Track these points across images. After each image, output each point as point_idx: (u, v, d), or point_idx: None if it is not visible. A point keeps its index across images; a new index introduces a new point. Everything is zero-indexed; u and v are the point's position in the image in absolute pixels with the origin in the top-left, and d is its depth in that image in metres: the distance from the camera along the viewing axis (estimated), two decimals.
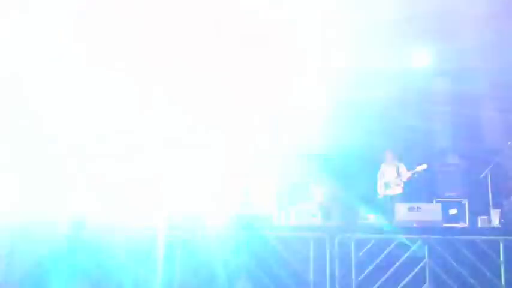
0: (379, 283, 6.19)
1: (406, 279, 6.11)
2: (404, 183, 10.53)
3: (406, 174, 10.50)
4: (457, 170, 11.51)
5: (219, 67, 11.56)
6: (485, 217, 9.87)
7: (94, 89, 10.95)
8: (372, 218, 10.75)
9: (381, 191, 10.79)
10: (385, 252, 6.19)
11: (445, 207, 9.81)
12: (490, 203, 9.27)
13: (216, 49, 11.29)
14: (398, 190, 10.53)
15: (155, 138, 11.04)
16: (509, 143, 9.91)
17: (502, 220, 8.98)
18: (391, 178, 10.70)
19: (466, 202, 10.78)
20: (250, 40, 11.36)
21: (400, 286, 6.13)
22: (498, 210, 9.40)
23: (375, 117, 12.65)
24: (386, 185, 10.72)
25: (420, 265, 6.11)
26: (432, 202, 10.48)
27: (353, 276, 6.18)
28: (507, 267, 6.05)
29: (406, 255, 6.16)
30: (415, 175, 10.46)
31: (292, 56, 12.17)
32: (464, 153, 11.69)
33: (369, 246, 6.25)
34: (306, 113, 13.31)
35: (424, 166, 10.40)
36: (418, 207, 7.71)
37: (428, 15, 10.85)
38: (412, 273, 6.11)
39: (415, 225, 7.25)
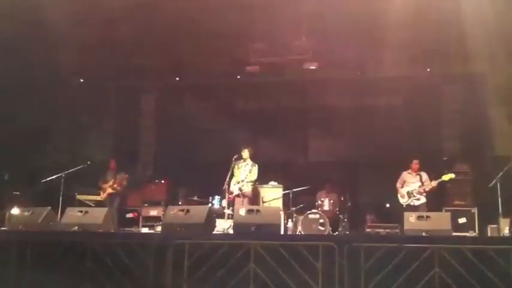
0: None
1: None
2: None
3: (430, 184, 10.27)
4: (467, 179, 11.45)
5: None
6: (495, 226, 9.84)
7: None
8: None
9: (404, 200, 10.50)
10: (395, 261, 6.15)
11: (454, 216, 9.79)
12: (500, 211, 9.21)
13: None
14: (423, 200, 10.32)
15: None
16: None
17: None
18: (415, 187, 10.41)
19: (475, 211, 10.74)
20: None
21: None
22: (508, 219, 9.36)
23: (382, 123, 12.68)
24: (410, 194, 10.41)
25: (430, 274, 6.07)
26: (441, 211, 10.46)
27: (362, 286, 6.14)
28: None
29: (415, 265, 6.11)
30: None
31: None
32: (475, 161, 11.64)
33: (378, 255, 6.20)
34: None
35: (452, 175, 10.23)
36: (427, 216, 7.67)
37: None
38: (422, 283, 6.07)
39: (424, 234, 7.22)
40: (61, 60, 11.85)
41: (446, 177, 10.18)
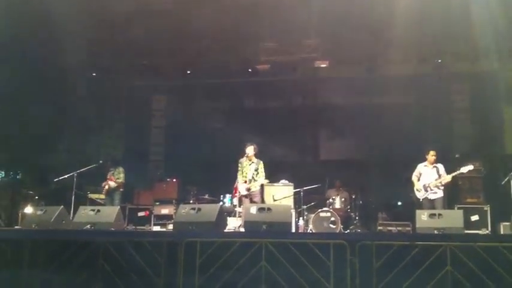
0: None
1: (428, 287, 6.04)
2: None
3: (447, 177, 9.73)
4: (479, 176, 11.39)
5: None
6: (508, 223, 9.78)
7: None
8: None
9: (420, 194, 9.93)
10: (407, 259, 6.13)
11: (467, 214, 9.73)
12: None
13: None
14: (440, 193, 9.76)
15: None
16: None
17: None
18: (431, 180, 9.85)
19: (488, 208, 10.67)
20: None
21: None
22: None
23: (393, 122, 12.65)
24: (426, 188, 9.84)
25: (442, 272, 6.05)
26: (453, 208, 10.40)
27: (374, 284, 6.13)
28: None
29: (427, 263, 6.09)
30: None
31: None
32: (486, 159, 11.57)
33: (390, 253, 6.19)
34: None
35: (470, 167, 9.73)
36: (439, 214, 7.64)
37: None
38: (434, 281, 6.04)
39: (436, 232, 7.19)
40: (73, 59, 11.91)
41: (464, 169, 9.63)
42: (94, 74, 13.81)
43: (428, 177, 9.90)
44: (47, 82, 12.40)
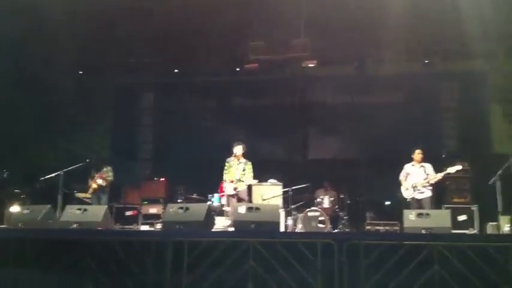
0: None
1: (415, 286, 6.06)
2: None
3: (435, 176, 9.74)
4: (466, 176, 11.43)
5: None
6: (495, 223, 9.82)
7: None
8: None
9: (408, 194, 9.95)
10: (394, 258, 6.14)
11: (454, 214, 9.76)
12: (499, 209, 9.19)
13: None
14: (428, 193, 9.78)
15: None
16: None
17: None
18: (420, 180, 9.85)
19: (475, 208, 10.71)
20: None
21: None
22: (508, 217, 9.34)
23: (382, 121, 12.68)
24: (414, 187, 9.84)
25: (429, 272, 6.06)
26: (440, 208, 10.43)
27: (362, 283, 6.13)
28: None
29: (415, 262, 6.10)
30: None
31: None
32: (474, 158, 11.62)
33: (377, 253, 6.19)
34: None
35: (459, 167, 9.72)
36: (426, 214, 7.66)
37: None
38: (421, 280, 6.06)
39: (423, 231, 7.21)
40: (60, 57, 11.82)
41: (452, 169, 9.63)
42: (81, 72, 13.70)
43: (416, 177, 9.91)
44: (34, 80, 12.29)
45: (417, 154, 9.97)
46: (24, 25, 10.45)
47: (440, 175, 9.76)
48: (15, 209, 9.88)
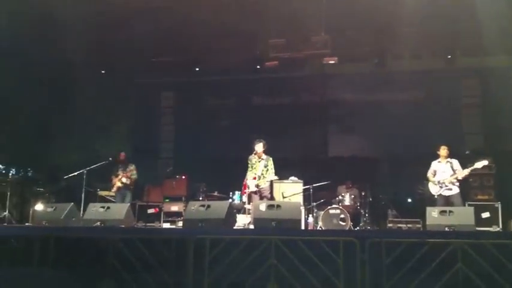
0: None
1: (439, 284, 6.00)
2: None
3: (462, 172, 9.55)
4: (490, 173, 11.29)
5: None
6: None
7: None
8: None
9: (435, 190, 9.79)
10: (417, 256, 6.08)
11: (478, 211, 9.64)
12: None
13: None
14: (456, 190, 9.61)
15: None
16: None
17: None
18: (446, 176, 9.69)
19: (498, 205, 10.59)
20: None
21: None
22: None
23: (402, 118, 12.59)
24: (441, 184, 9.70)
25: (453, 270, 6.00)
26: (464, 205, 10.32)
27: (384, 281, 6.09)
28: None
29: (438, 260, 6.04)
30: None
31: None
32: (497, 155, 11.48)
33: (400, 251, 6.15)
34: None
35: (485, 162, 9.51)
36: (450, 211, 7.59)
37: None
38: (444, 278, 6.00)
39: (446, 229, 7.15)
40: (82, 59, 11.95)
41: (479, 164, 9.39)
42: (103, 72, 13.85)
43: (443, 174, 9.77)
44: (57, 81, 12.46)
45: (443, 150, 9.82)
46: (47, 25, 10.57)
47: (467, 170, 9.58)
48: (39, 207, 10.04)
